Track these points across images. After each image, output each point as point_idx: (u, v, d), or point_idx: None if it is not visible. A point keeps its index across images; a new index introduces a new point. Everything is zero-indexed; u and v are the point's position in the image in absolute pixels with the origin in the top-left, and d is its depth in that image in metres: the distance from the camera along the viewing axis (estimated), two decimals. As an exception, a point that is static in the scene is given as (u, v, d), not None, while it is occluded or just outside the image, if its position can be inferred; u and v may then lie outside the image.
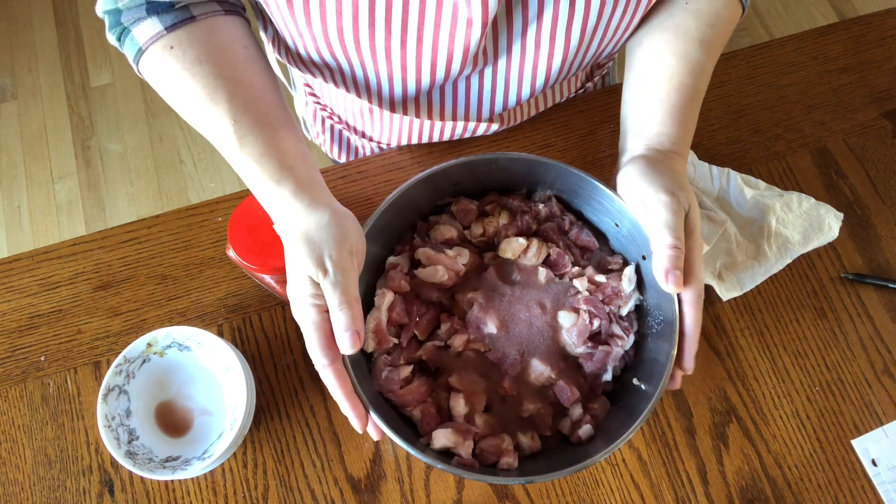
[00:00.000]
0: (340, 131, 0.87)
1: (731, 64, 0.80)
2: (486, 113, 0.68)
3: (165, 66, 0.53)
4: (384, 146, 0.81)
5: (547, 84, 0.63)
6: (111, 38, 0.55)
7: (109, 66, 1.80)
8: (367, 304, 0.59)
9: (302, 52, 0.59)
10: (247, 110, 0.52)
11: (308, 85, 0.83)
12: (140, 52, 0.53)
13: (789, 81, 0.79)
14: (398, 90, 0.62)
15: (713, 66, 0.59)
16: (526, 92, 0.63)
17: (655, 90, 0.57)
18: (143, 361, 0.61)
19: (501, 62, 0.60)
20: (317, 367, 0.49)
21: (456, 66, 0.57)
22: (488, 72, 0.61)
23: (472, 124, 0.69)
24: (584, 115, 0.76)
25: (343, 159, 0.92)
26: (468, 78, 0.62)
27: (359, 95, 0.65)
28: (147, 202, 1.66)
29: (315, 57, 0.59)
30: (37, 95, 1.77)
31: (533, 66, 0.60)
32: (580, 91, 0.80)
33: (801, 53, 0.80)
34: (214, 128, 0.53)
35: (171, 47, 0.52)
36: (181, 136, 1.72)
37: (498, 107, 0.67)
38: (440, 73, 0.58)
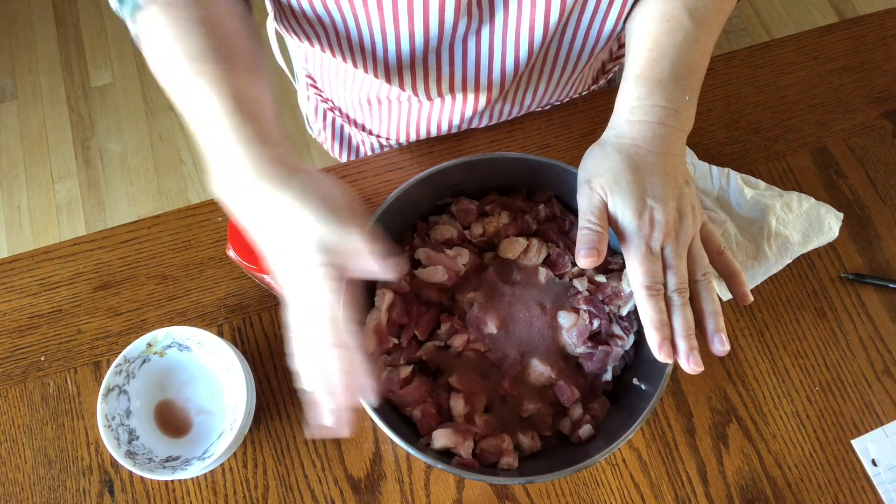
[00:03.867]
0: (342, 126, 0.87)
1: (731, 64, 0.80)
2: (483, 79, 0.66)
3: (163, 22, 0.49)
4: (384, 140, 0.81)
5: (545, 41, 0.60)
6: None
7: (109, 66, 1.80)
8: (367, 304, 0.59)
9: (296, 6, 0.58)
10: (247, 79, 0.49)
11: (310, 76, 0.83)
12: (137, 6, 0.50)
13: (789, 81, 0.79)
14: (392, 50, 0.60)
15: (707, 37, 0.54)
16: (524, 52, 0.61)
17: (630, 56, 0.54)
18: (143, 361, 0.61)
19: (498, 17, 0.58)
20: (321, 349, 0.42)
21: (449, 16, 0.55)
22: (485, 31, 0.60)
23: (471, 97, 0.67)
24: (584, 115, 0.76)
25: (344, 157, 0.92)
26: (465, 40, 0.61)
27: (355, 64, 0.63)
28: (147, 202, 1.66)
29: (309, 11, 0.58)
30: (37, 95, 1.77)
31: (530, 18, 0.57)
32: (585, 93, 0.80)
33: (801, 53, 0.80)
34: (203, 82, 0.47)
35: (172, 4, 0.49)
36: (181, 136, 1.73)
37: (496, 72, 0.65)
38: (433, 27, 0.56)
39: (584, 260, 0.49)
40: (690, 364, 0.48)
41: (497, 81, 0.66)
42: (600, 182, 0.50)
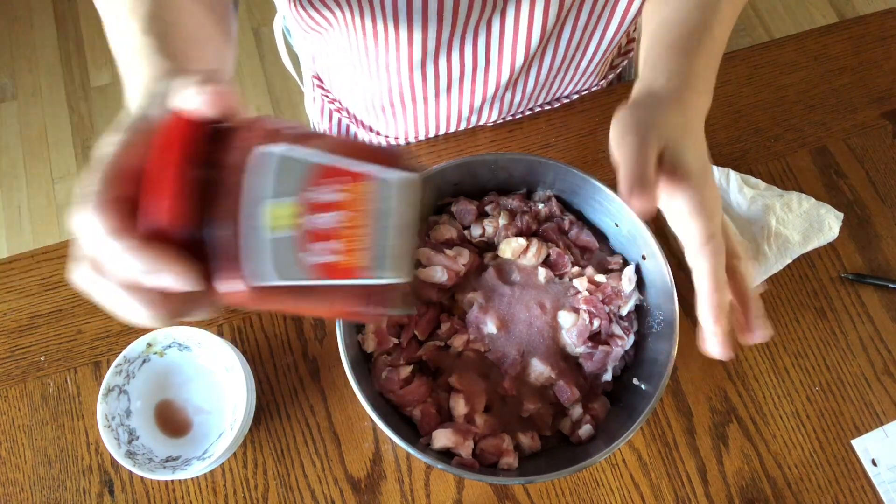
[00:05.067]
0: (348, 126, 0.87)
1: (731, 64, 0.80)
2: (493, 67, 0.66)
3: None
4: (392, 140, 0.81)
5: (557, 23, 0.61)
6: None
7: (109, 66, 1.80)
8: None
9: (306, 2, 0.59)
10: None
11: (317, 77, 0.83)
12: None
13: (789, 81, 0.79)
14: (404, 42, 0.61)
15: (731, 14, 0.50)
16: (535, 37, 0.62)
17: (661, 24, 0.51)
18: (144, 361, 0.61)
19: (511, 3, 0.59)
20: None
21: (464, 4, 0.56)
22: (496, 20, 0.60)
23: (479, 87, 0.67)
24: (584, 115, 0.76)
25: None
26: (476, 29, 0.61)
27: (367, 56, 0.63)
28: (147, 202, 1.66)
29: (322, 7, 0.59)
30: (37, 95, 1.77)
31: (545, 1, 0.58)
32: (595, 88, 0.79)
33: (801, 53, 0.80)
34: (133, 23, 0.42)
35: None
36: (181, 136, 1.73)
37: (506, 58, 0.65)
38: (447, 14, 0.56)
39: (637, 202, 0.41)
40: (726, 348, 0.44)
41: (507, 68, 0.66)
42: (658, 133, 0.44)
